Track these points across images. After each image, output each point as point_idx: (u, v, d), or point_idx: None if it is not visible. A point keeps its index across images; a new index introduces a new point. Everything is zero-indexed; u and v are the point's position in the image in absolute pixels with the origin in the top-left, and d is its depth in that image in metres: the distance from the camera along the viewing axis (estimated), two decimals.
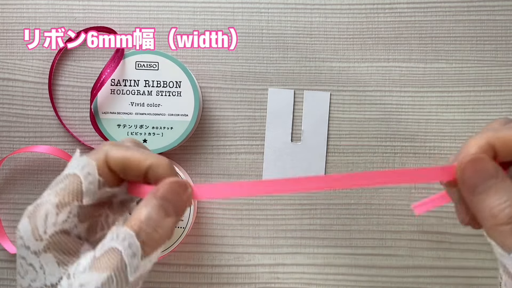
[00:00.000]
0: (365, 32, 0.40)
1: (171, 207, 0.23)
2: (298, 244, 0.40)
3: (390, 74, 0.40)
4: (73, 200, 0.23)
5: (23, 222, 0.23)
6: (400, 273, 0.40)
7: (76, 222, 0.23)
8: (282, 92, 0.40)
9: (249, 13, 0.41)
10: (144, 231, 0.22)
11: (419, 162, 0.40)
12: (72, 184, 0.24)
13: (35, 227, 0.23)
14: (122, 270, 0.22)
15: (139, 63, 0.38)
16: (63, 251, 0.23)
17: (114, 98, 0.38)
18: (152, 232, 0.22)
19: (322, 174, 0.40)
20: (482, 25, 0.40)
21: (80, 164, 0.24)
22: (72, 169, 0.24)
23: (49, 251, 0.22)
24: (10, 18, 0.41)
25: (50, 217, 0.23)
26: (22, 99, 0.41)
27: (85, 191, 0.24)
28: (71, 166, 0.24)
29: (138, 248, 0.22)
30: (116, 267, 0.22)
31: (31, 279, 0.23)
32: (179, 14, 0.41)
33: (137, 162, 0.24)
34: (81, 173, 0.24)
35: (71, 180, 0.24)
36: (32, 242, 0.22)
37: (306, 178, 0.24)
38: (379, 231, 0.40)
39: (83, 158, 0.24)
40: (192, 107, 0.38)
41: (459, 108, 0.40)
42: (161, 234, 0.23)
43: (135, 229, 0.22)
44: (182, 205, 0.24)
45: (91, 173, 0.24)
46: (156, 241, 0.23)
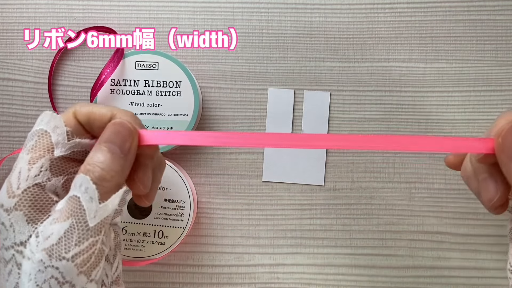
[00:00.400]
0: (365, 32, 0.40)
1: (116, 148, 0.24)
2: (298, 244, 0.40)
3: (390, 74, 0.40)
4: (44, 154, 0.24)
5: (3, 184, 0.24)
6: (400, 273, 0.40)
7: (49, 175, 0.24)
8: (282, 92, 0.40)
9: (249, 13, 0.40)
10: (91, 171, 0.23)
11: (419, 162, 0.40)
12: (40, 139, 0.24)
13: (10, 184, 0.23)
14: (81, 215, 0.22)
15: (139, 63, 0.38)
16: (34, 208, 0.23)
17: (114, 98, 0.38)
18: (100, 171, 0.23)
19: (322, 174, 0.40)
20: (483, 25, 0.40)
21: (46, 119, 0.25)
22: (39, 125, 0.25)
23: (19, 208, 0.23)
24: (10, 18, 0.41)
25: (23, 173, 0.23)
26: (22, 99, 0.41)
27: (55, 143, 0.24)
28: (37, 122, 0.25)
29: (94, 191, 0.22)
30: (76, 214, 0.22)
31: (3, 238, 0.23)
32: (179, 14, 0.41)
33: (101, 114, 0.25)
34: (47, 127, 0.24)
35: (40, 135, 0.24)
36: (5, 199, 0.23)
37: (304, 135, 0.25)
38: (379, 231, 0.40)
39: (47, 113, 0.25)
40: (192, 107, 0.38)
41: (459, 108, 0.40)
42: (112, 175, 0.23)
43: (84, 172, 0.23)
44: (128, 146, 0.24)
45: (59, 126, 0.24)
46: (109, 182, 0.23)
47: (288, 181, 0.40)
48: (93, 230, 0.22)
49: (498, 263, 0.40)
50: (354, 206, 0.40)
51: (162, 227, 0.38)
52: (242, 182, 0.40)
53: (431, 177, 0.40)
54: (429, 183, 0.40)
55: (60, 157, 0.24)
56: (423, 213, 0.40)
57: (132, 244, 0.38)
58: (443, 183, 0.40)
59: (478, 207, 0.40)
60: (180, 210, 0.38)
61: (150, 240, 0.38)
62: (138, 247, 0.38)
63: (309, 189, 0.40)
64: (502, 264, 0.40)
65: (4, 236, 0.23)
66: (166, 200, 0.38)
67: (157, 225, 0.38)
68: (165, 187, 0.38)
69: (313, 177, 0.40)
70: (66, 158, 0.25)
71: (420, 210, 0.40)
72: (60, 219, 0.22)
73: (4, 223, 0.23)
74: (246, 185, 0.40)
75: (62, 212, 0.22)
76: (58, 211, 0.23)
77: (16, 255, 0.23)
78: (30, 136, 0.25)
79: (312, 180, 0.40)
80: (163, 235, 0.38)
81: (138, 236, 0.38)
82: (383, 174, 0.40)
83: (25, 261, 0.22)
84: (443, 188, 0.40)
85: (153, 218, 0.38)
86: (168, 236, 0.38)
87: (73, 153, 0.25)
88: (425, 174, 0.40)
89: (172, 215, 0.38)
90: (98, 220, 0.23)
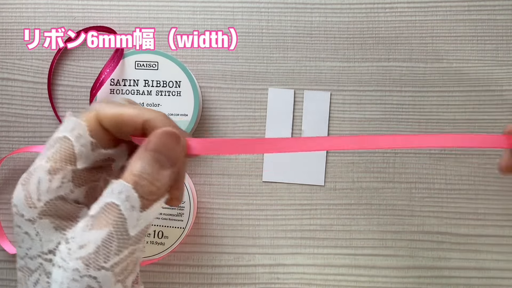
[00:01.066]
0: (366, 32, 0.40)
1: (165, 159, 0.22)
2: (298, 244, 0.40)
3: (391, 73, 0.40)
4: (65, 164, 0.22)
5: (17, 189, 0.22)
6: (400, 273, 0.40)
7: (71, 187, 0.22)
8: (282, 92, 0.40)
9: (249, 13, 0.40)
10: (140, 184, 0.21)
11: (419, 162, 0.40)
12: (63, 148, 0.22)
13: (28, 194, 0.22)
14: (121, 224, 0.21)
15: (138, 63, 0.38)
16: (60, 217, 0.22)
17: (114, 98, 0.38)
18: (149, 185, 0.22)
19: (322, 174, 0.40)
20: (483, 24, 0.40)
21: (70, 126, 0.23)
22: (62, 132, 0.23)
23: (44, 217, 0.22)
24: (9, 18, 0.41)
25: (43, 183, 0.22)
26: (21, 99, 0.41)
27: (78, 154, 0.23)
28: (61, 128, 0.23)
29: (136, 200, 0.21)
30: (116, 222, 0.21)
31: (27, 248, 0.22)
32: (179, 14, 0.41)
33: (132, 118, 0.23)
34: (71, 135, 0.23)
35: (62, 143, 0.23)
36: (26, 210, 0.22)
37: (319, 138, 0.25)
38: (379, 231, 0.40)
39: (72, 119, 0.23)
40: (192, 107, 0.38)
41: (459, 108, 0.40)
42: (158, 187, 0.22)
43: (131, 183, 0.21)
44: (176, 156, 0.23)
45: (82, 134, 0.23)
46: (154, 193, 0.22)
47: (288, 181, 0.40)
48: (133, 238, 0.21)
49: (499, 263, 0.40)
50: (354, 206, 0.40)
51: (162, 227, 0.38)
52: (242, 182, 0.40)
53: (432, 177, 0.40)
54: (430, 183, 0.40)
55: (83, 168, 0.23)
56: (423, 213, 0.40)
57: None
58: (444, 183, 0.40)
59: (479, 207, 0.40)
60: (180, 210, 0.38)
61: (150, 240, 0.38)
62: None
63: (309, 189, 0.40)
64: (502, 264, 0.40)
65: (28, 246, 0.22)
66: None
67: (157, 225, 0.38)
68: None
69: (313, 177, 0.40)
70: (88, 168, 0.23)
71: (420, 210, 0.40)
72: (96, 227, 0.21)
73: (28, 232, 0.22)
74: (246, 185, 0.40)
75: (98, 220, 0.21)
76: (91, 218, 0.21)
77: (45, 263, 0.21)
78: (52, 142, 0.23)
79: (312, 180, 0.40)
80: (163, 235, 0.38)
81: None
82: (384, 174, 0.40)
83: (56, 270, 0.21)
84: (443, 188, 0.40)
85: None
86: (168, 237, 0.38)
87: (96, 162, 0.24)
88: (426, 174, 0.40)
89: (172, 215, 0.38)
90: (139, 229, 0.21)
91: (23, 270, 0.22)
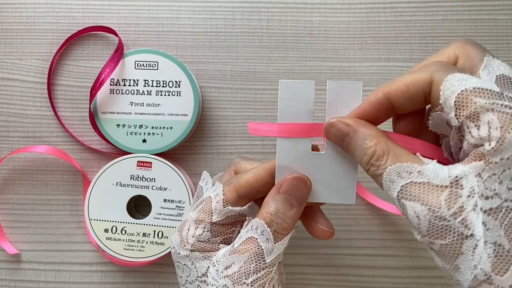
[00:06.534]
0: (366, 32, 0.40)
1: (294, 200, 0.27)
2: (298, 244, 0.40)
3: (391, 73, 0.40)
4: (207, 217, 0.28)
5: (175, 235, 0.29)
6: (400, 273, 0.40)
7: (209, 236, 0.28)
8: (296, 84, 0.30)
9: (249, 13, 0.40)
10: (275, 222, 0.26)
11: None
12: (207, 204, 0.29)
13: (181, 238, 0.28)
14: (259, 251, 0.26)
15: (138, 63, 0.38)
16: (205, 250, 0.28)
17: (114, 98, 0.38)
18: (282, 223, 0.27)
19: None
20: (483, 24, 0.40)
21: (212, 188, 0.29)
22: (207, 193, 0.30)
23: (194, 252, 0.28)
24: (9, 18, 0.41)
25: (191, 230, 0.28)
26: (21, 99, 0.41)
27: (213, 208, 0.28)
28: (208, 190, 0.30)
29: (270, 235, 0.26)
30: (254, 250, 0.26)
31: (186, 276, 0.28)
32: (179, 14, 0.40)
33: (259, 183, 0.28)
34: (212, 194, 0.29)
35: (207, 201, 0.29)
36: (181, 249, 0.28)
37: None
38: (379, 231, 0.40)
39: (218, 185, 0.29)
40: (192, 106, 0.38)
41: None
42: (289, 223, 0.27)
43: (267, 221, 0.26)
44: (303, 197, 0.27)
45: (219, 193, 0.28)
46: (285, 228, 0.27)
47: None
48: (269, 263, 0.26)
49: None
50: (355, 206, 0.40)
51: (162, 227, 0.38)
52: None
53: None
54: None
55: (217, 221, 0.28)
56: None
57: (131, 245, 0.38)
58: None
59: None
60: (180, 210, 0.38)
61: (150, 240, 0.38)
62: (138, 248, 0.38)
63: None
64: None
65: (187, 274, 0.28)
66: (166, 201, 0.38)
67: (156, 225, 0.38)
68: (165, 187, 0.38)
69: None
70: (219, 224, 0.29)
71: None
72: (239, 252, 0.26)
73: (186, 264, 0.28)
74: None
75: (240, 248, 0.27)
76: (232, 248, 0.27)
77: (201, 284, 0.28)
78: (200, 200, 0.29)
79: None
80: (163, 235, 0.38)
81: (138, 237, 0.38)
82: None
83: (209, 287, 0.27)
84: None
85: (152, 218, 0.38)
86: (168, 236, 0.37)
87: (224, 219, 0.28)
88: None
89: (172, 215, 0.38)
90: (274, 256, 0.26)
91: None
